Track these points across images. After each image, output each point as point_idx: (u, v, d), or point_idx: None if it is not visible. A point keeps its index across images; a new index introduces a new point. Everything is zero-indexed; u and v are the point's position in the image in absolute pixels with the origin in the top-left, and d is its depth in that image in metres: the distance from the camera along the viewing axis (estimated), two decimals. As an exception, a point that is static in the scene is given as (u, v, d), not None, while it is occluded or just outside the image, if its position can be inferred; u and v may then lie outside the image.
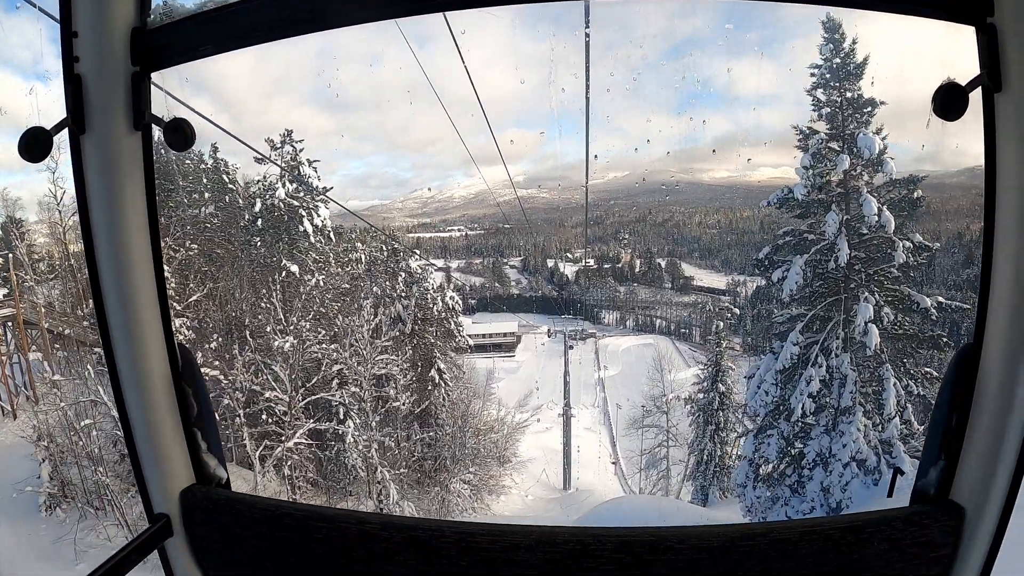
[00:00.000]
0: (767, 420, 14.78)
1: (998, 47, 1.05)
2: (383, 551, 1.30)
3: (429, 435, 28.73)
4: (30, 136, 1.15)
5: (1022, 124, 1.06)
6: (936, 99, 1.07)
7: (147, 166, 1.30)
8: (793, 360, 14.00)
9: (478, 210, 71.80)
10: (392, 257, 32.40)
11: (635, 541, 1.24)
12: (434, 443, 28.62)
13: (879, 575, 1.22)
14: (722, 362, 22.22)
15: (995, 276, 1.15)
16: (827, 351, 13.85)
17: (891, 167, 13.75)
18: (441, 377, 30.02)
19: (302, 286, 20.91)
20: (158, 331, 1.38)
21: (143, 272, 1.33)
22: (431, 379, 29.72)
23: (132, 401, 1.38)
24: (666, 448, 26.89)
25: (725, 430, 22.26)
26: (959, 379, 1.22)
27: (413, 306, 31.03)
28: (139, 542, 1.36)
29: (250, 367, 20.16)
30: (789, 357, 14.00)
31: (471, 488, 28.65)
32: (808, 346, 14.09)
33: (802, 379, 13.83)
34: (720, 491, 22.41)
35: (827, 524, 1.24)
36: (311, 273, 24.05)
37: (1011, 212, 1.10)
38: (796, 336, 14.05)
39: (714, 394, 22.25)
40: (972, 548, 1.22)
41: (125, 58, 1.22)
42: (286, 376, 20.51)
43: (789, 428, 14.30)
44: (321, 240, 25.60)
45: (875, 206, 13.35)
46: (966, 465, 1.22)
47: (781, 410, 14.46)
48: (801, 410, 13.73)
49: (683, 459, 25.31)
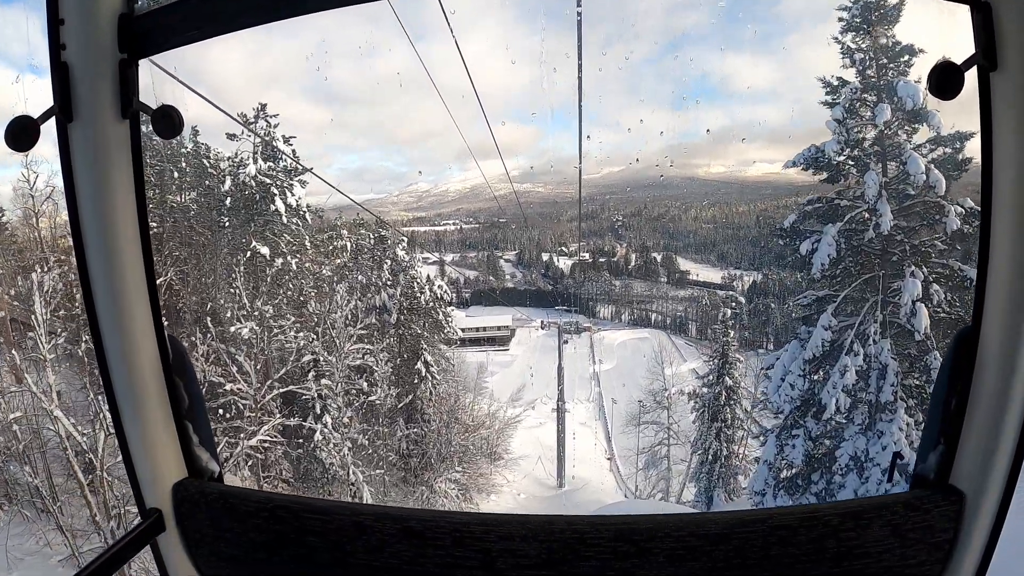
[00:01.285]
0: (791, 417, 12.25)
1: (993, 26, 1.00)
2: (378, 542, 1.26)
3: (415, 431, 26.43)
4: (16, 125, 1.10)
5: (1017, 103, 1.02)
6: (931, 78, 1.03)
7: (135, 154, 1.23)
8: (824, 347, 11.47)
9: (473, 204, 70.68)
10: (379, 245, 29.90)
11: (633, 529, 1.20)
12: (420, 440, 26.25)
13: (879, 560, 1.17)
14: (729, 354, 19.62)
15: (993, 257, 1.10)
16: (863, 337, 11.36)
17: (938, 120, 11.24)
18: (428, 370, 27.56)
19: (268, 268, 18.33)
20: (148, 323, 1.30)
21: (132, 263, 1.26)
22: (417, 372, 27.29)
23: (122, 394, 1.31)
24: (667, 447, 24.18)
25: (732, 427, 19.70)
26: (958, 363, 1.16)
27: (399, 295, 28.52)
28: (131, 537, 1.30)
29: (210, 356, 17.63)
30: (819, 344, 11.47)
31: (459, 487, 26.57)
32: (842, 331, 11.55)
33: (835, 370, 11.31)
34: (726, 493, 19.94)
35: (827, 510, 1.20)
36: (283, 256, 21.45)
37: (1008, 191, 1.06)
38: (828, 319, 11.50)
39: (720, 388, 19.69)
40: (972, 532, 1.17)
41: (112, 45, 1.16)
42: (251, 367, 17.99)
43: (818, 426, 11.78)
44: (297, 222, 23.01)
45: (921, 164, 10.85)
46: (965, 449, 1.17)
47: (809, 405, 11.93)
48: (834, 406, 11.20)
49: (685, 458, 22.68)
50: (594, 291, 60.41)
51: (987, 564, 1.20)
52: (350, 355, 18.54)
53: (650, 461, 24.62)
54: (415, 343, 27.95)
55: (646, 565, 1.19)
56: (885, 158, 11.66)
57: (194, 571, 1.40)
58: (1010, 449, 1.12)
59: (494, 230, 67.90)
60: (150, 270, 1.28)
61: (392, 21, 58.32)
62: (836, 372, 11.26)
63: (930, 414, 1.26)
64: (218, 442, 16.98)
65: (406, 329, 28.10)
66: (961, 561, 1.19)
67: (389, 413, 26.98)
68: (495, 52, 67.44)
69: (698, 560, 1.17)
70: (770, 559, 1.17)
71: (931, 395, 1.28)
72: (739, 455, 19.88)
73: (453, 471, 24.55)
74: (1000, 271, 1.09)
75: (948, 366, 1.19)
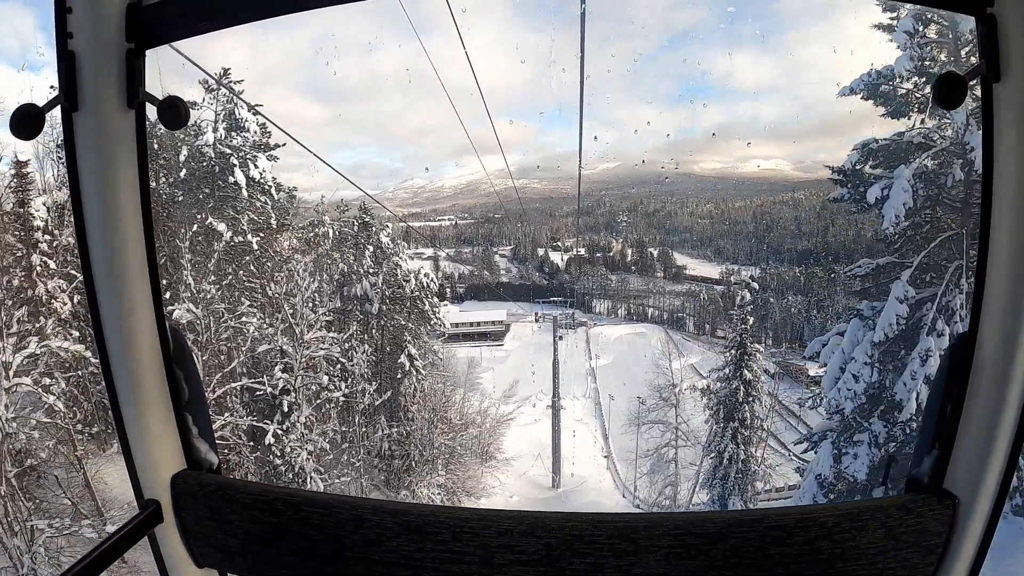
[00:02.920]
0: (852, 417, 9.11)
1: (997, 37, 0.99)
2: (376, 536, 1.21)
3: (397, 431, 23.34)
4: (22, 113, 1.07)
5: (1020, 114, 1.00)
6: (936, 88, 1.02)
7: (140, 145, 1.19)
8: (899, 327, 8.32)
9: (468, 200, 68.12)
10: (363, 232, 26.74)
11: (630, 527, 1.17)
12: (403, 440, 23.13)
13: (873, 562, 1.16)
14: (748, 344, 16.43)
15: (991, 265, 1.09)
16: (947, 312, 8.23)
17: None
18: (412, 364, 24.39)
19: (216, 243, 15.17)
20: (149, 313, 1.26)
21: (135, 253, 1.22)
22: (400, 366, 24.14)
23: (122, 385, 1.26)
24: (674, 448, 20.83)
25: (750, 427, 16.51)
26: (953, 369, 1.15)
27: (381, 283, 25.36)
28: (129, 528, 1.26)
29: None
30: (893, 323, 8.31)
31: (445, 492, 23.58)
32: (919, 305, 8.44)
33: (914, 355, 8.20)
34: (743, 502, 16.79)
35: (822, 511, 1.19)
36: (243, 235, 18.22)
37: (1008, 201, 1.05)
38: (903, 290, 8.34)
39: (737, 383, 16.48)
40: (965, 536, 1.16)
41: (119, 35, 1.12)
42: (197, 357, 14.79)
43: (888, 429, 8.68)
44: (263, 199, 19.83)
45: None
46: (960, 454, 1.16)
47: (876, 402, 8.80)
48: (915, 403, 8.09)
49: (695, 462, 19.43)
50: (590, 286, 57.75)
51: (979, 568, 1.17)
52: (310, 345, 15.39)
53: (656, 465, 21.32)
54: (398, 335, 24.83)
55: (643, 563, 1.16)
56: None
57: (191, 562, 1.35)
58: (1004, 455, 1.11)
59: (489, 226, 65.39)
60: (152, 261, 1.24)
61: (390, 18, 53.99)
62: (915, 358, 8.19)
63: (925, 418, 1.22)
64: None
65: (388, 320, 24.98)
66: (953, 564, 1.17)
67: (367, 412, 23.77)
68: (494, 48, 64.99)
69: (695, 559, 1.15)
70: (766, 559, 1.14)
71: (927, 399, 1.26)
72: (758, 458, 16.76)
73: (436, 475, 21.41)
74: (998, 280, 1.08)
75: (944, 372, 1.16)
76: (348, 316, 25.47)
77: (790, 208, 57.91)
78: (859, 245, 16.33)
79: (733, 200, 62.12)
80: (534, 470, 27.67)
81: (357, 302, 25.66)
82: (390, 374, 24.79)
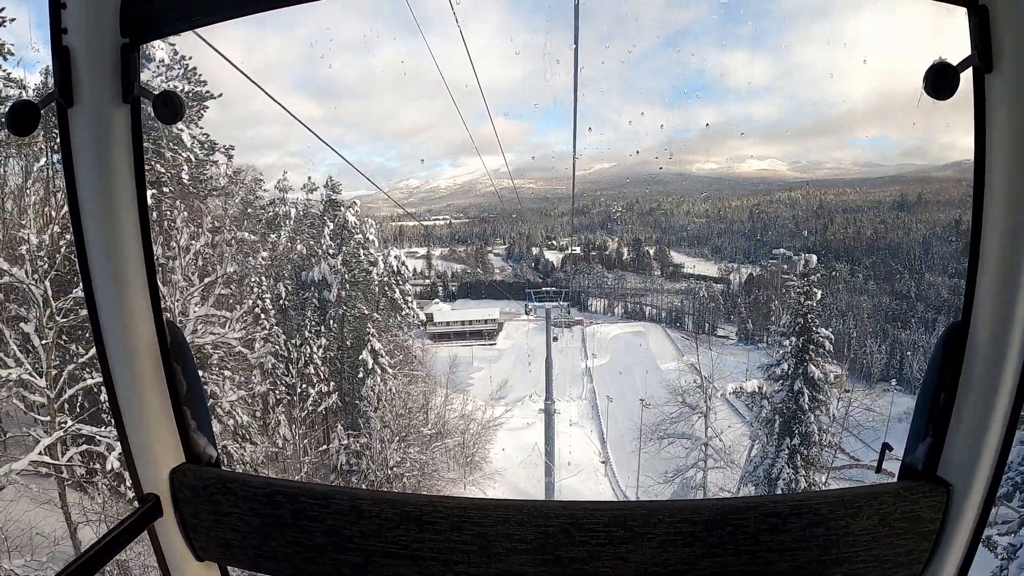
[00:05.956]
0: None
1: (989, 28, 0.97)
2: (375, 527, 1.16)
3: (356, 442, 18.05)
4: (18, 109, 1.01)
5: (1011, 104, 0.98)
6: (927, 78, 0.99)
7: (136, 139, 1.13)
8: None
9: (463, 200, 63.64)
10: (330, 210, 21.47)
11: (627, 515, 1.12)
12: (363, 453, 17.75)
13: (867, 548, 1.12)
14: (813, 329, 11.00)
15: (983, 255, 1.05)
16: None
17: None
18: (376, 361, 19.00)
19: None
20: (147, 308, 1.19)
21: (131, 247, 1.15)
22: (362, 363, 18.76)
23: (121, 379, 1.20)
24: (702, 471, 15.03)
25: (816, 444, 11.12)
26: (947, 357, 1.11)
27: (341, 265, 20.03)
28: (129, 523, 1.19)
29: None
30: None
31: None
32: None
33: None
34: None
35: (816, 498, 1.14)
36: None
37: (999, 191, 1.02)
38: None
39: (801, 385, 11.06)
40: (959, 523, 1.12)
41: (114, 29, 1.07)
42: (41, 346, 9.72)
43: None
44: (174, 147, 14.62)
45: None
46: (953, 442, 1.12)
47: None
48: None
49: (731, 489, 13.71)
50: (586, 284, 52.73)
51: (972, 554, 1.13)
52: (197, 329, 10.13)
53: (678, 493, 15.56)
54: (360, 327, 19.54)
55: (640, 550, 1.11)
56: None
57: (191, 556, 1.28)
58: (996, 442, 1.08)
59: (484, 225, 60.60)
60: (149, 255, 1.17)
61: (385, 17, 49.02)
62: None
63: (919, 407, 1.17)
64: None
65: (349, 309, 19.69)
66: (947, 551, 1.13)
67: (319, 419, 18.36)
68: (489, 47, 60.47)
69: (691, 546, 1.11)
70: (761, 545, 1.10)
71: (920, 388, 1.19)
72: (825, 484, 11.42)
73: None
74: (990, 269, 1.04)
75: (937, 361, 1.11)
76: (305, 304, 20.06)
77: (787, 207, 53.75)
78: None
79: (729, 199, 57.91)
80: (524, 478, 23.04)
81: (314, 288, 20.30)
82: (350, 372, 19.42)
